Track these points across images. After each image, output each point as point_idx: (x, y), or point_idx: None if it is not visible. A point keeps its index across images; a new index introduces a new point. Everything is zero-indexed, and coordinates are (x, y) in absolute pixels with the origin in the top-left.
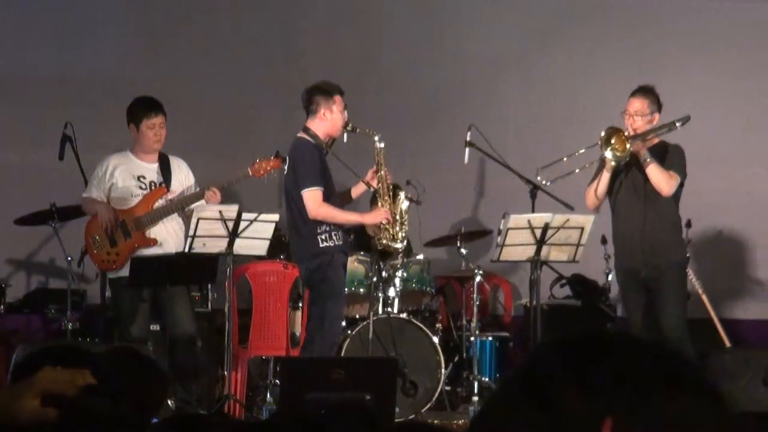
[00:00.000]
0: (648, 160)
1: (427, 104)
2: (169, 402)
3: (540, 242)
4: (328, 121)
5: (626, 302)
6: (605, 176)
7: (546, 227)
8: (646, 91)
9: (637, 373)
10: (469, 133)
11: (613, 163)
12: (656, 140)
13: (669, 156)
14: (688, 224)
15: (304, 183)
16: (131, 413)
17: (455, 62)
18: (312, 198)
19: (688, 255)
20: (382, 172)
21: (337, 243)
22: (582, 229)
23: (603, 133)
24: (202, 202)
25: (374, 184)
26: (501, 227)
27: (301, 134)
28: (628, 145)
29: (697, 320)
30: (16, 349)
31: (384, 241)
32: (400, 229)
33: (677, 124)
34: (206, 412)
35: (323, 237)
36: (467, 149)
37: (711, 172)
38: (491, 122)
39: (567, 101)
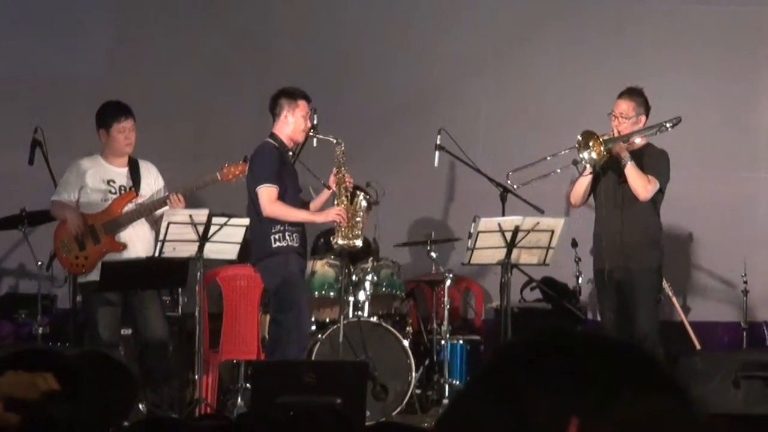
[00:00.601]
0: (627, 162)
1: (398, 107)
2: (140, 406)
3: (510, 245)
4: (289, 124)
5: (600, 303)
6: (582, 180)
7: (516, 230)
8: (633, 93)
9: (604, 371)
10: (439, 137)
11: (588, 166)
12: (643, 142)
13: (651, 159)
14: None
15: (259, 180)
16: (93, 419)
17: (426, 64)
18: (266, 194)
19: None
20: (341, 174)
21: (291, 244)
22: (552, 232)
23: (580, 137)
24: (181, 200)
25: (332, 185)
26: (471, 230)
27: (266, 139)
28: (602, 148)
29: (667, 323)
30: None
31: (340, 241)
32: (354, 227)
33: (667, 126)
34: (177, 416)
35: (276, 237)
36: (437, 152)
37: (683, 174)
38: (462, 125)
39: (538, 104)
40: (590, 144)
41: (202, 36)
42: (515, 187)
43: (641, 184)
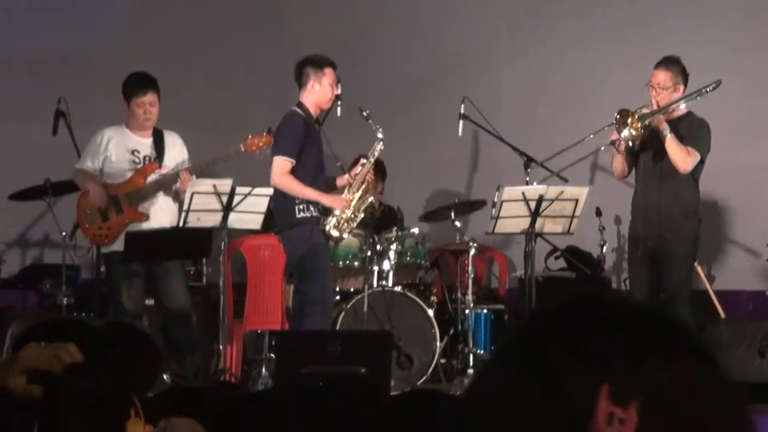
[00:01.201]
0: (667, 134)
1: (420, 78)
2: (165, 376)
3: (534, 214)
4: (316, 93)
5: (631, 271)
6: (617, 158)
7: (540, 199)
8: (669, 62)
9: (632, 337)
10: (462, 106)
11: (630, 143)
12: (685, 110)
13: (691, 129)
14: None
15: (277, 150)
16: (117, 389)
17: (447, 36)
18: (278, 166)
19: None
20: (366, 169)
21: (315, 214)
22: (576, 201)
23: (618, 115)
24: (193, 178)
25: (353, 175)
26: (495, 200)
27: (293, 108)
28: (639, 125)
29: (692, 292)
30: (11, 324)
31: (329, 228)
32: (349, 222)
33: (707, 90)
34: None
35: (301, 207)
36: (461, 122)
37: None
38: (484, 95)
39: (560, 73)
40: (628, 121)
41: (220, 10)
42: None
43: (681, 157)
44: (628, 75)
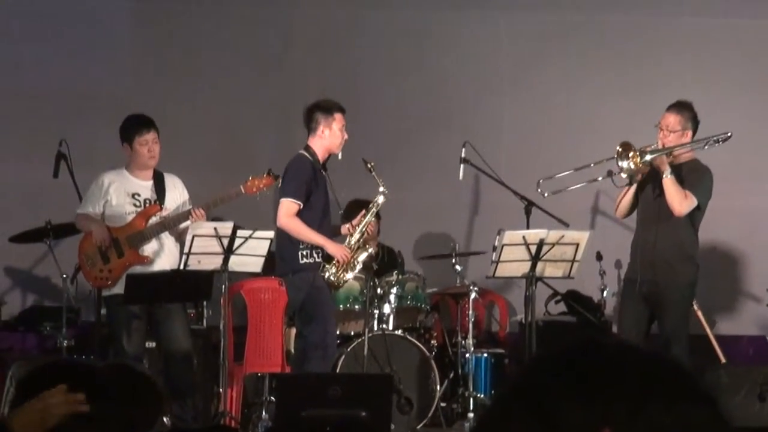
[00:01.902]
0: (666, 176)
1: (421, 120)
2: (165, 419)
3: (535, 258)
4: (326, 138)
5: (622, 311)
6: (626, 193)
7: (541, 243)
8: (681, 107)
9: (633, 381)
10: (463, 150)
11: (623, 175)
12: (690, 156)
13: (693, 177)
14: None
15: (285, 192)
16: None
17: (449, 79)
18: (285, 208)
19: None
20: (367, 219)
21: (317, 260)
22: (577, 245)
23: (619, 147)
24: (204, 214)
25: (354, 226)
26: (496, 243)
27: (300, 151)
28: (639, 160)
29: (692, 336)
30: (12, 366)
31: (329, 275)
32: (347, 270)
33: (716, 141)
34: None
35: (304, 253)
36: (462, 165)
37: None
38: (485, 139)
39: (560, 117)
40: (629, 155)
41: (224, 51)
42: (545, 195)
43: (678, 199)
44: (631, 118)
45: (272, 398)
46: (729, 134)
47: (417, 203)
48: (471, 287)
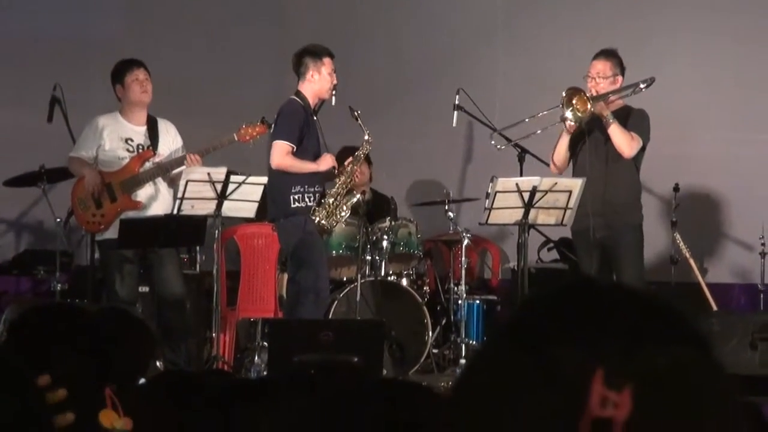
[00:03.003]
0: (610, 121)
1: (415, 68)
2: (158, 363)
3: (528, 205)
4: (315, 82)
5: (580, 262)
6: (563, 139)
7: (534, 190)
8: (608, 54)
9: (627, 323)
10: (457, 97)
11: (572, 123)
12: (621, 103)
13: (632, 119)
14: (676, 188)
15: (278, 135)
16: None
17: (443, 26)
18: (279, 148)
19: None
20: (354, 167)
21: (309, 204)
22: (570, 192)
23: (564, 94)
24: (200, 160)
25: (341, 170)
26: (489, 190)
27: (291, 96)
28: (589, 105)
29: (684, 284)
30: (5, 310)
31: (317, 219)
32: (336, 214)
33: (641, 86)
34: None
35: (296, 197)
36: (455, 113)
37: (698, 135)
38: (479, 86)
39: (555, 64)
40: (573, 101)
41: None
42: (498, 147)
43: (626, 142)
44: (626, 62)
45: (265, 343)
46: (653, 78)
47: (410, 150)
48: (464, 234)
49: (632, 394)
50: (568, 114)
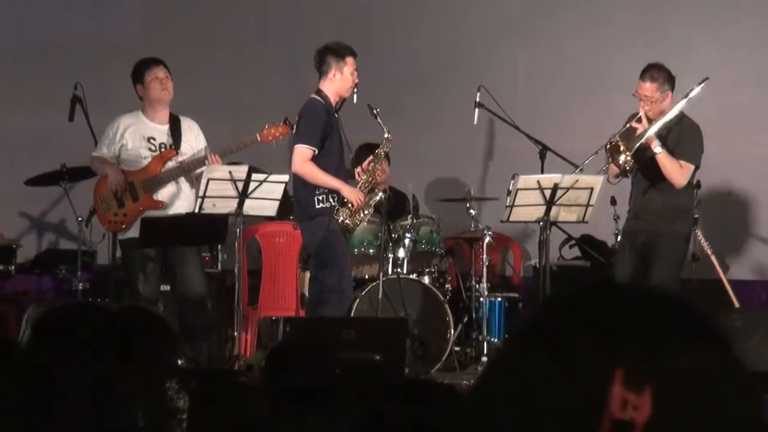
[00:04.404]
0: (659, 151)
1: (436, 65)
2: (179, 362)
3: (549, 203)
4: (337, 81)
5: (618, 265)
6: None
7: (555, 188)
8: (653, 74)
9: (648, 323)
10: (478, 94)
11: (629, 158)
12: (676, 114)
13: (682, 142)
14: (698, 185)
15: (300, 138)
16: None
17: (464, 23)
18: (300, 153)
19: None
20: (375, 166)
21: (333, 204)
22: (591, 189)
23: (606, 152)
24: (221, 160)
25: (362, 172)
26: (510, 188)
27: (313, 95)
28: (629, 154)
29: (706, 281)
30: (27, 309)
31: (340, 218)
32: (359, 214)
33: (696, 89)
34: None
35: (320, 198)
36: (476, 110)
37: (722, 134)
38: (500, 83)
39: (575, 60)
40: (620, 150)
41: None
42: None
43: (675, 172)
44: (646, 61)
45: None
46: (706, 78)
47: (432, 148)
48: (485, 231)
49: (652, 396)
50: (622, 158)
